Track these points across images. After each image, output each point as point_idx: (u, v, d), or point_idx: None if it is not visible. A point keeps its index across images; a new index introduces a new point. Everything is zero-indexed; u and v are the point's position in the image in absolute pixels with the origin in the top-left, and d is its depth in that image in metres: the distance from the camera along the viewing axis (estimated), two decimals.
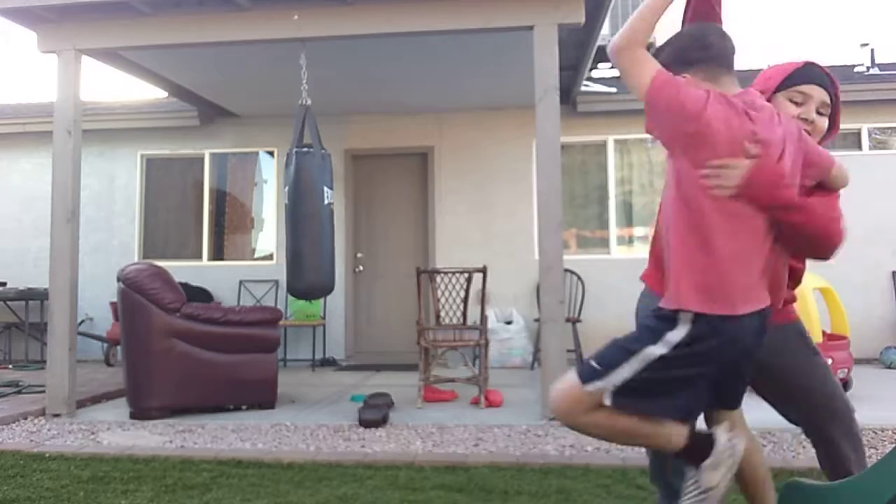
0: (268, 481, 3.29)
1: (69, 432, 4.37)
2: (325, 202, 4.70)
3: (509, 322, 7.39)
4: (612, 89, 7.64)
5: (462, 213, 7.84)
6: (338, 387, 6.11)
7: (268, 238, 8.16)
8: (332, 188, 4.80)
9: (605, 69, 8.84)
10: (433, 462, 3.58)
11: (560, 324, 4.54)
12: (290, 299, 7.48)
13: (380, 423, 4.45)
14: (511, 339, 7.23)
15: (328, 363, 7.56)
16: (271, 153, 8.18)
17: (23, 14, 5.01)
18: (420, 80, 6.77)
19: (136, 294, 4.78)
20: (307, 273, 4.66)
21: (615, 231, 7.71)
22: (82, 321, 7.65)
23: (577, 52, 6.04)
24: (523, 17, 4.71)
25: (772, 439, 3.97)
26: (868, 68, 8.30)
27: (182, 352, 4.78)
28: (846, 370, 5.19)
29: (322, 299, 7.58)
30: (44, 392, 5.04)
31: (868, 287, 7.25)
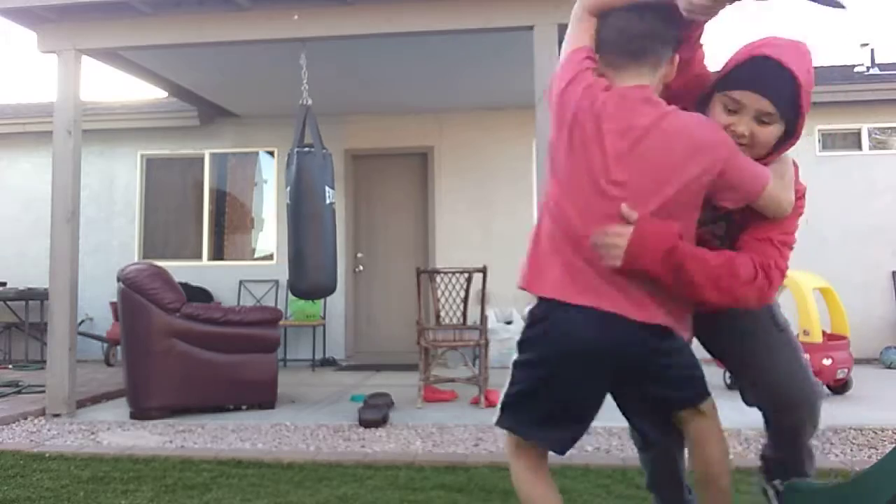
0: (268, 481, 3.29)
1: (69, 432, 4.37)
2: (327, 202, 4.70)
3: (509, 322, 7.38)
4: None
5: (462, 212, 7.84)
6: (338, 387, 6.11)
7: (268, 238, 8.16)
8: (333, 188, 4.80)
9: None
10: (433, 462, 3.57)
11: None
12: (290, 299, 7.48)
13: (380, 423, 4.45)
14: (511, 339, 7.21)
15: (328, 363, 7.56)
16: (271, 153, 8.18)
17: (23, 14, 5.01)
18: (420, 79, 6.77)
19: (136, 294, 4.78)
20: (310, 273, 4.66)
21: None
22: (82, 321, 7.65)
23: None
24: (523, 16, 4.71)
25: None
26: (868, 68, 8.30)
27: (182, 352, 4.78)
28: (846, 370, 5.19)
29: (322, 299, 7.59)
30: (44, 392, 5.04)
31: (868, 287, 7.25)
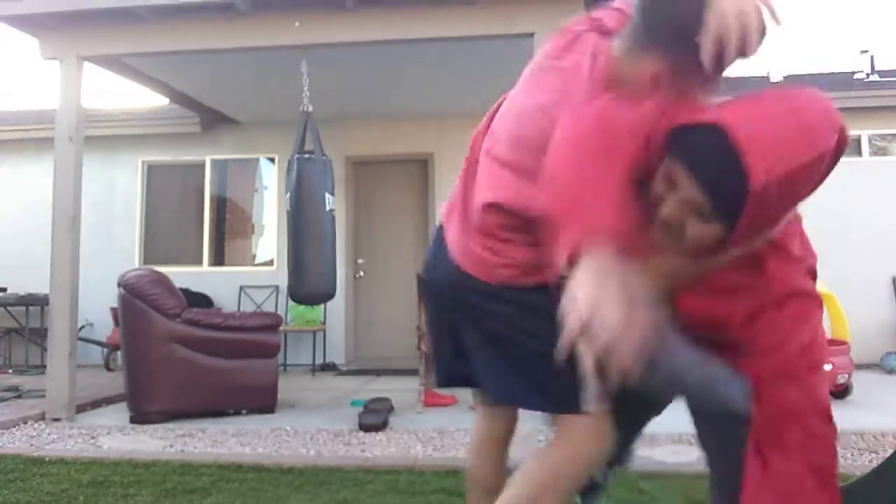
0: (268, 486, 3.29)
1: (69, 437, 4.37)
2: (327, 208, 4.72)
3: None
4: None
5: None
6: (338, 391, 6.11)
7: (268, 244, 8.17)
8: (333, 194, 4.82)
9: None
10: (433, 466, 3.57)
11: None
12: (290, 305, 7.48)
13: (380, 427, 4.45)
14: None
15: (328, 368, 7.56)
16: (272, 159, 8.19)
17: (25, 21, 5.03)
18: (420, 86, 6.79)
19: (137, 300, 4.79)
20: (309, 279, 4.67)
21: None
22: (82, 326, 7.64)
23: None
24: (523, 24, 4.72)
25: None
26: (868, 75, 8.33)
27: (182, 357, 4.78)
28: (847, 375, 5.19)
29: (322, 304, 7.59)
30: (44, 397, 5.04)
31: (868, 292, 7.25)
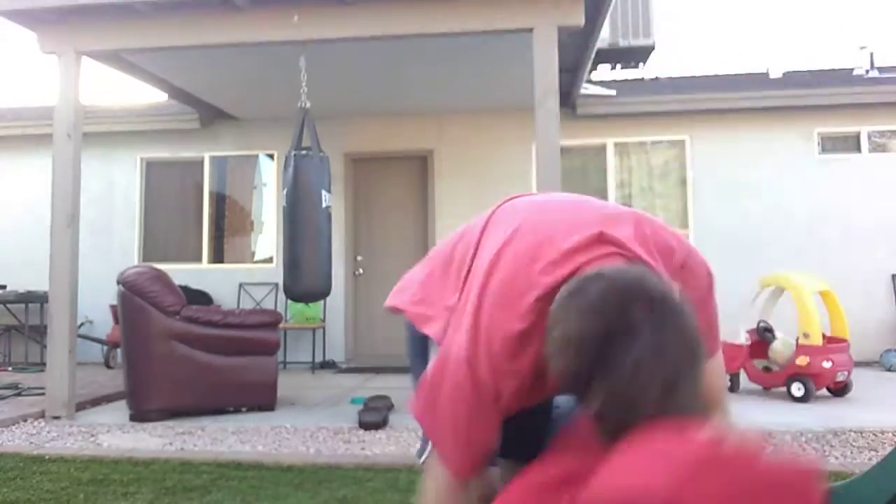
0: (268, 483, 3.29)
1: (69, 434, 4.37)
2: (323, 205, 4.70)
3: None
4: (612, 92, 7.65)
5: (462, 215, 7.80)
6: (337, 389, 6.11)
7: (268, 241, 8.16)
8: (330, 191, 4.81)
9: (604, 72, 8.87)
10: None
11: None
12: (289, 302, 7.48)
13: (380, 425, 4.44)
14: None
15: (328, 366, 7.56)
16: (271, 156, 8.18)
17: (23, 15, 5.01)
18: (420, 82, 6.78)
19: (136, 297, 4.78)
20: (304, 276, 4.66)
21: None
22: (82, 324, 7.64)
23: (576, 54, 6.04)
24: (523, 19, 4.72)
25: (771, 441, 3.97)
26: (867, 71, 8.31)
27: (182, 354, 4.78)
28: (846, 373, 5.19)
29: (322, 302, 7.59)
30: (43, 394, 5.04)
31: (868, 290, 7.25)
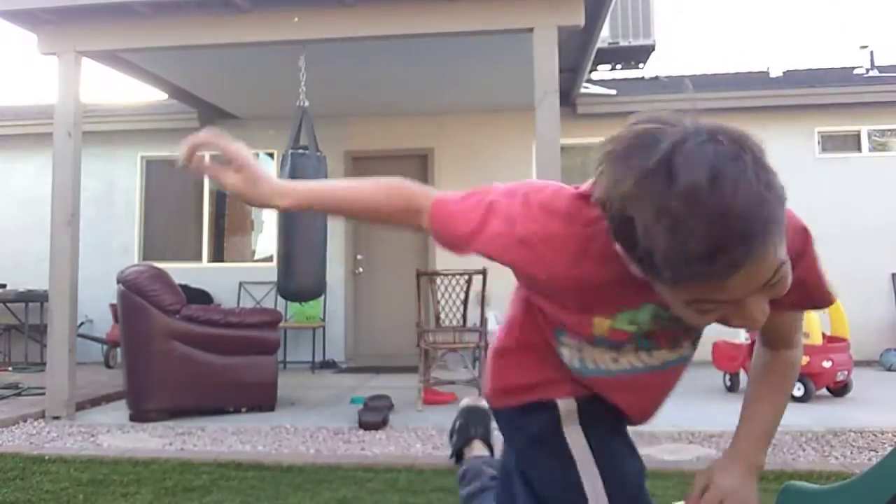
0: (267, 484, 3.29)
1: (69, 435, 4.37)
2: None
3: None
4: (612, 91, 7.65)
5: None
6: (337, 389, 6.11)
7: (268, 240, 8.16)
8: None
9: (604, 71, 8.86)
10: (433, 465, 3.57)
11: None
12: (290, 301, 7.49)
13: (380, 425, 4.44)
14: None
15: (328, 365, 7.56)
16: (271, 155, 8.17)
17: (23, 16, 5.01)
18: (420, 81, 6.77)
19: (136, 296, 4.78)
20: (298, 276, 4.65)
21: None
22: (82, 323, 7.64)
23: (576, 54, 6.04)
24: (523, 19, 4.71)
25: (771, 441, 3.96)
26: (867, 70, 8.30)
27: (182, 354, 4.78)
28: (846, 372, 5.19)
29: (322, 301, 7.59)
30: (43, 394, 5.04)
31: (868, 289, 7.24)
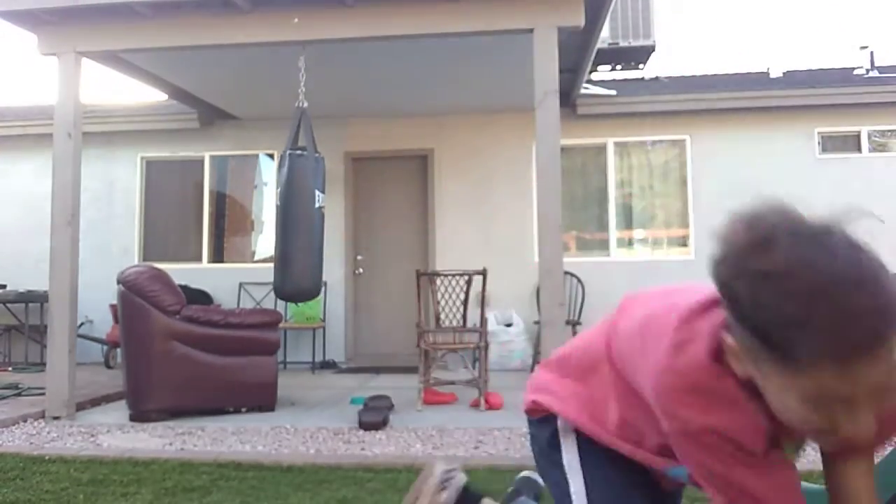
0: (267, 484, 3.29)
1: (69, 435, 4.37)
2: (317, 205, 4.69)
3: (509, 324, 7.38)
4: (612, 92, 7.65)
5: (462, 215, 7.84)
6: (337, 389, 6.11)
7: (268, 240, 8.16)
8: (323, 192, 4.79)
9: (604, 72, 8.87)
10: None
11: (560, 326, 4.54)
12: (286, 302, 7.49)
13: (380, 425, 4.44)
14: (511, 341, 7.22)
15: (328, 366, 7.56)
16: (271, 155, 8.18)
17: (23, 16, 5.01)
18: (420, 82, 6.77)
19: (136, 296, 4.78)
20: (294, 276, 4.65)
21: (615, 233, 7.71)
22: (82, 324, 7.65)
23: (576, 54, 6.04)
24: (523, 19, 4.71)
25: None
26: (867, 71, 8.31)
27: (182, 354, 4.78)
28: None
29: (322, 301, 7.59)
30: (43, 395, 5.04)
31: None
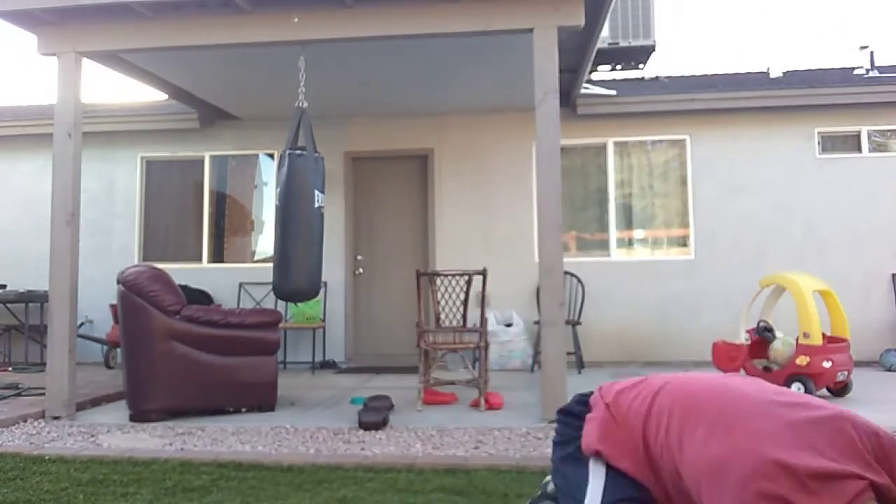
0: (267, 484, 3.29)
1: (69, 435, 4.37)
2: (316, 206, 4.69)
3: (509, 324, 7.38)
4: (612, 92, 7.65)
5: (462, 214, 7.84)
6: (337, 389, 6.11)
7: (268, 240, 8.16)
8: (323, 192, 4.79)
9: (604, 72, 8.86)
10: (433, 465, 3.57)
11: (560, 326, 4.54)
12: (285, 302, 7.49)
13: (380, 425, 4.44)
14: (511, 341, 7.22)
15: (328, 366, 7.56)
16: (271, 155, 8.18)
17: (23, 17, 5.01)
18: (420, 82, 6.77)
19: (136, 296, 4.78)
20: (294, 276, 4.64)
21: (615, 233, 7.71)
22: (82, 324, 7.65)
23: (576, 54, 6.04)
24: (523, 19, 4.72)
25: None
26: (867, 71, 8.31)
27: (182, 354, 4.78)
28: (846, 373, 5.19)
29: (322, 301, 7.59)
30: (43, 395, 5.04)
31: (868, 289, 7.25)
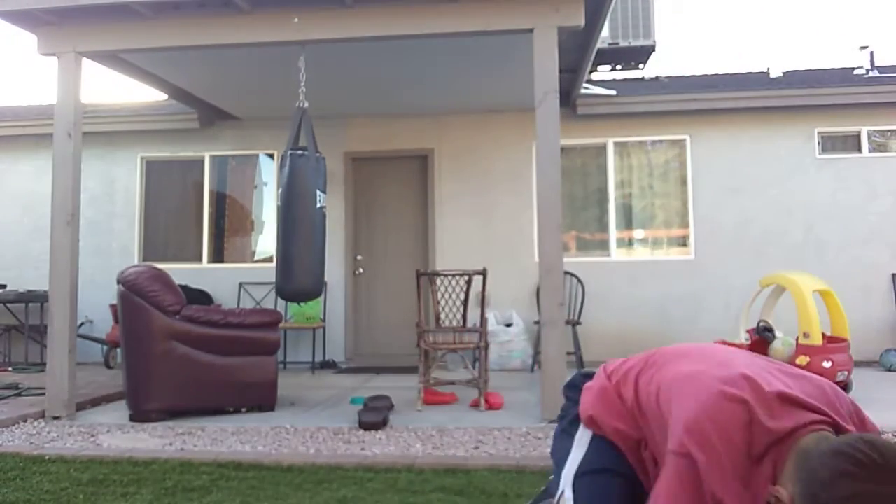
0: (267, 484, 3.29)
1: (69, 435, 4.37)
2: (318, 205, 4.69)
3: (509, 324, 7.38)
4: (612, 92, 7.65)
5: (462, 215, 7.84)
6: (337, 389, 6.11)
7: (268, 240, 8.16)
8: (325, 192, 4.79)
9: (604, 72, 8.86)
10: (433, 465, 3.57)
11: (560, 326, 4.54)
12: (288, 302, 7.49)
13: (380, 425, 4.45)
14: (511, 341, 7.22)
15: (328, 366, 7.56)
16: (271, 156, 8.18)
17: (23, 17, 5.01)
18: (420, 82, 6.78)
19: (136, 296, 4.78)
20: (296, 276, 4.65)
21: (615, 233, 7.71)
22: (82, 324, 7.65)
23: (577, 54, 6.04)
24: (523, 19, 4.72)
25: None
26: (867, 71, 8.31)
27: (182, 354, 4.78)
28: (846, 373, 5.19)
29: (322, 301, 7.59)
30: (43, 395, 5.04)
31: (868, 289, 7.25)
